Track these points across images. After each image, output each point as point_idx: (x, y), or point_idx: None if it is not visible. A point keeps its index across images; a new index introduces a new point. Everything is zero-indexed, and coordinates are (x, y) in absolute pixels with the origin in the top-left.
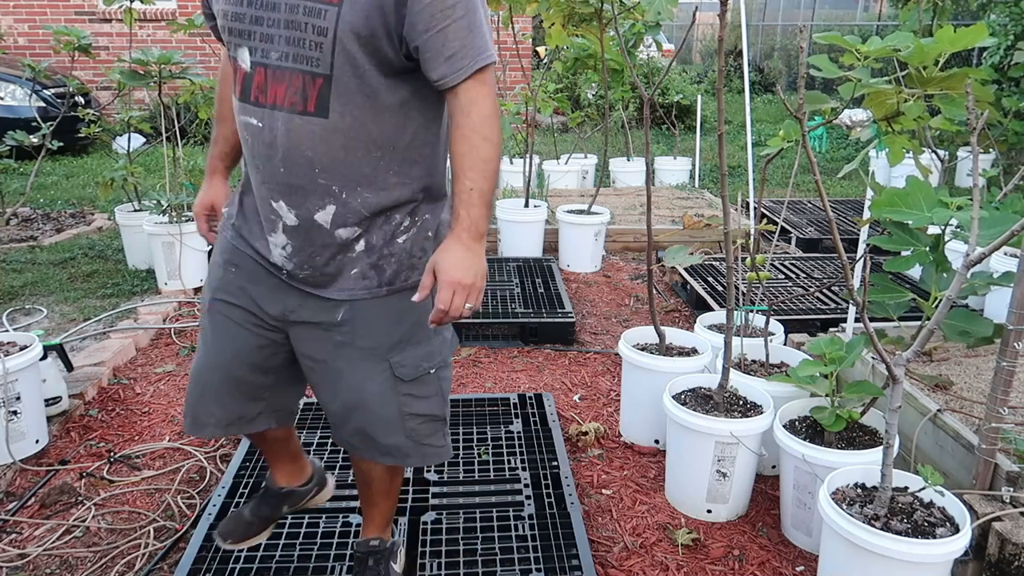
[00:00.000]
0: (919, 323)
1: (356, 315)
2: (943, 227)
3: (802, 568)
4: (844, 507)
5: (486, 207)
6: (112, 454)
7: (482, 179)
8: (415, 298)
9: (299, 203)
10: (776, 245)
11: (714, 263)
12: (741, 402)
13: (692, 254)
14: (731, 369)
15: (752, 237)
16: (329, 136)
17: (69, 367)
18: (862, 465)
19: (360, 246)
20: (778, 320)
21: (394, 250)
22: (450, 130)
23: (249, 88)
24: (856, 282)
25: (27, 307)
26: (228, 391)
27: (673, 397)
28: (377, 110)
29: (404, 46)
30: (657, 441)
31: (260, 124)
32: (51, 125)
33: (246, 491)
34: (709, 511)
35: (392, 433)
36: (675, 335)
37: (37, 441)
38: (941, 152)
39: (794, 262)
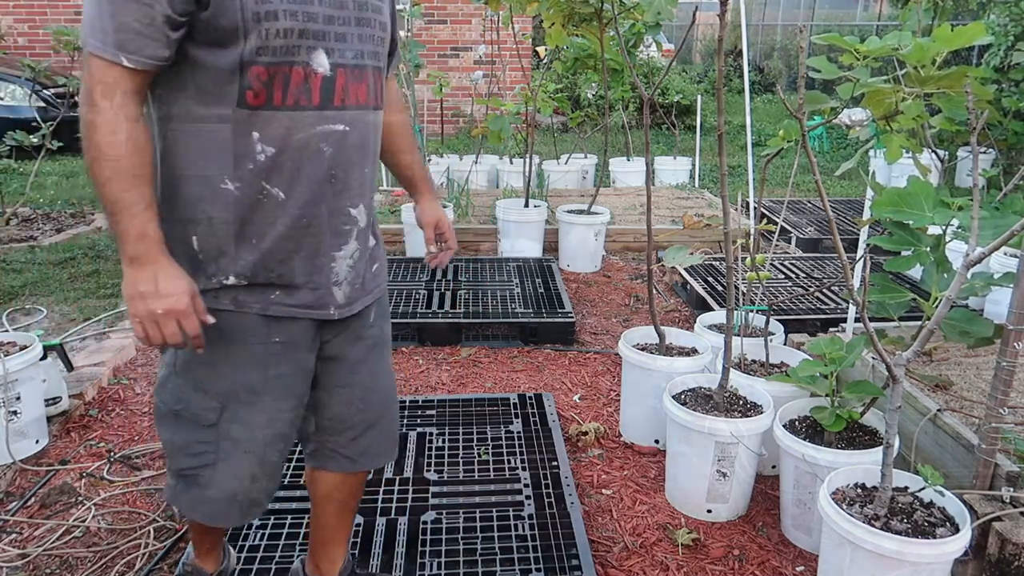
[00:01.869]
0: (919, 323)
1: (381, 310)
2: (944, 227)
3: (802, 568)
4: (844, 507)
5: None
6: (112, 454)
7: None
8: (433, 249)
9: (368, 200)
10: (776, 245)
11: (714, 263)
12: (741, 402)
13: (692, 254)
14: (731, 369)
15: (752, 237)
16: (380, 127)
17: (69, 367)
18: (862, 465)
19: (372, 239)
20: (778, 320)
21: (379, 232)
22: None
23: (331, 92)
24: (856, 282)
25: (27, 307)
26: (277, 464)
27: (673, 397)
28: None
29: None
30: (657, 441)
31: (348, 128)
32: (51, 125)
33: None
34: (709, 511)
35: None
36: (675, 335)
37: (37, 441)
38: (941, 152)
39: (794, 262)
